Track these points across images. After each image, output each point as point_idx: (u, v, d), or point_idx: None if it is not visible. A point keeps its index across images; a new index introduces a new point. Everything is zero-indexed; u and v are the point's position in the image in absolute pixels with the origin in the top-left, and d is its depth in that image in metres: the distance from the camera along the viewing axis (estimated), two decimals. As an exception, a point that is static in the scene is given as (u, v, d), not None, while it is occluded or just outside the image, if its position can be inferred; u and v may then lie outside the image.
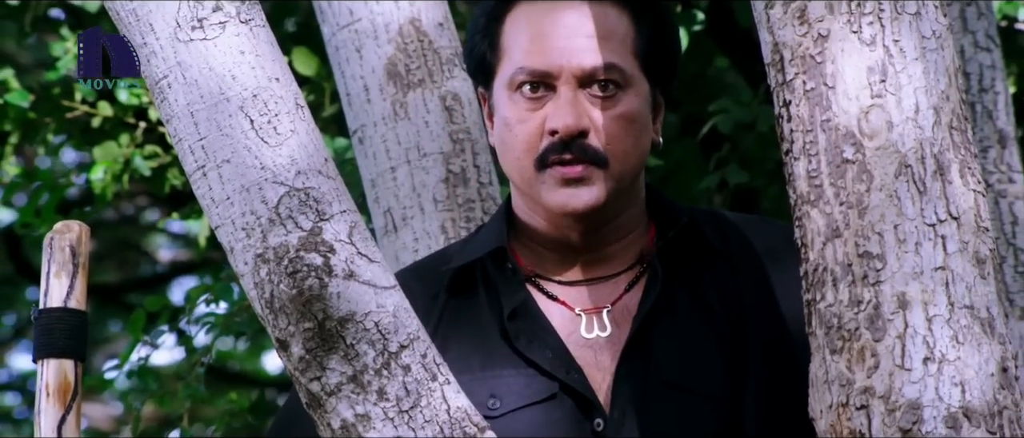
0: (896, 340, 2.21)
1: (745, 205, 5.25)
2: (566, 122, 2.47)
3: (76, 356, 2.43)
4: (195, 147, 2.31)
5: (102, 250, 8.99)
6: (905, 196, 2.24)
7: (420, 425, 2.24)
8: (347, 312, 2.25)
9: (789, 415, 2.39)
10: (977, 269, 2.24)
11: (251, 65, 2.32)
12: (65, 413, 2.41)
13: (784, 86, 2.29)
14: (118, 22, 2.37)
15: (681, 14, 4.62)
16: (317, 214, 2.28)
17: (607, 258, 2.57)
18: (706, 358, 2.51)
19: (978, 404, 2.20)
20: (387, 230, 3.17)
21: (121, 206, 7.71)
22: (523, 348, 2.51)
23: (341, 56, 3.23)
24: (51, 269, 2.43)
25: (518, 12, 2.54)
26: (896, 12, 2.26)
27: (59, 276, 2.43)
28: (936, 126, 2.26)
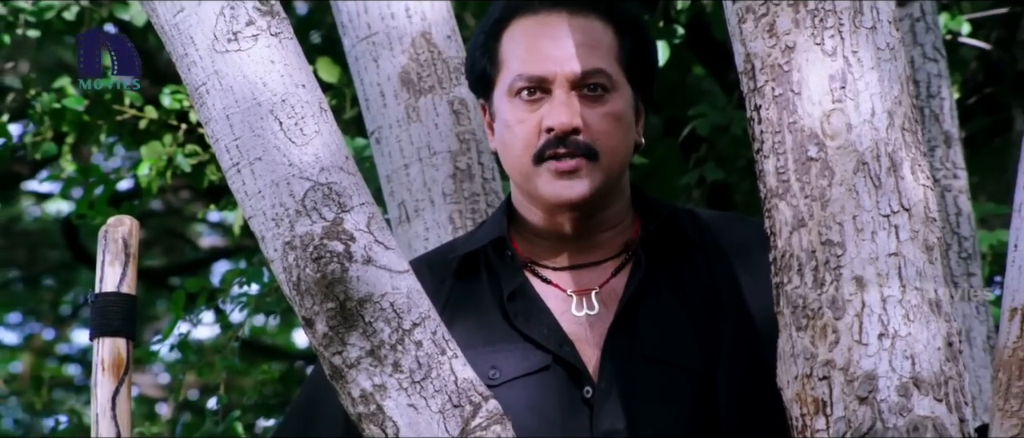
0: (854, 318, 2.21)
1: (720, 199, 5.25)
2: (561, 120, 2.47)
3: (128, 335, 2.43)
4: (230, 146, 2.31)
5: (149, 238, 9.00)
6: (863, 190, 2.24)
7: (431, 394, 2.23)
8: (365, 294, 2.25)
9: (757, 387, 2.37)
10: (926, 255, 2.24)
11: (280, 73, 2.31)
12: (118, 386, 2.40)
13: (755, 92, 2.29)
14: (162, 35, 2.37)
15: (663, 28, 4.61)
16: (339, 206, 2.27)
17: (596, 246, 2.57)
18: (683, 335, 2.50)
19: (927, 375, 2.21)
20: (401, 220, 3.17)
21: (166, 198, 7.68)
22: (521, 325, 2.51)
23: (360, 65, 3.23)
24: (106, 258, 2.43)
25: (514, 29, 2.55)
26: (854, 26, 2.26)
27: (113, 264, 2.43)
28: (890, 128, 2.26)
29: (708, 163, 5.00)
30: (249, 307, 5.42)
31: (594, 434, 2.45)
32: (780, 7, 2.26)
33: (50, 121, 4.77)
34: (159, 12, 2.35)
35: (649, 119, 2.62)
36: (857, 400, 2.19)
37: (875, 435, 2.18)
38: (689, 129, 4.98)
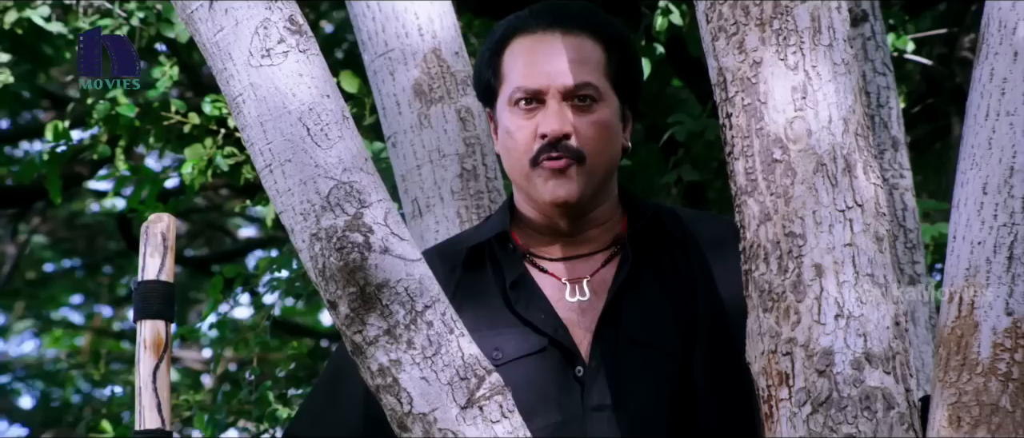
0: (814, 301, 2.21)
1: (695, 196, 5.25)
2: (553, 127, 2.48)
3: (167, 318, 2.43)
4: (264, 149, 2.30)
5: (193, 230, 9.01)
6: (821, 188, 2.24)
7: (440, 368, 2.22)
8: (383, 279, 2.24)
9: (729, 365, 2.38)
10: (876, 245, 2.25)
11: (308, 85, 2.30)
12: (158, 362, 2.41)
13: (726, 101, 2.29)
14: (204, 51, 2.36)
15: (645, 46, 4.60)
16: (359, 202, 2.26)
17: (587, 240, 2.56)
18: (664, 321, 2.50)
19: (877, 350, 2.22)
20: (414, 215, 3.16)
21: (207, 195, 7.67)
22: (521, 310, 2.51)
23: (378, 78, 3.22)
24: (147, 250, 2.43)
25: (514, 46, 2.55)
26: (814, 44, 2.26)
27: (153, 256, 2.43)
28: (845, 133, 2.25)
29: (685, 164, 5.00)
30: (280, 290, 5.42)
31: (585, 408, 2.45)
32: (748, 27, 2.26)
33: (105, 127, 4.77)
34: (201, 31, 2.34)
35: (633, 126, 2.62)
36: (816, 373, 2.19)
37: (832, 404, 2.18)
38: (668, 135, 4.97)
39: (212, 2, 2.32)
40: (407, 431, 2.23)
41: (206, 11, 2.32)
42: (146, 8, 4.63)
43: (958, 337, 2.48)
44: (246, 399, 5.26)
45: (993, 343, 2.45)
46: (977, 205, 2.52)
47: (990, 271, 2.49)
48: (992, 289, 2.48)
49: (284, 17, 2.32)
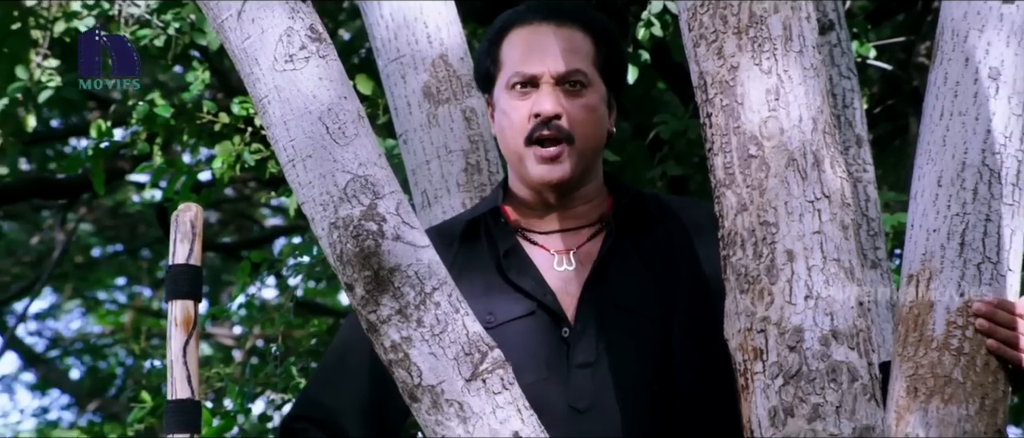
0: (786, 283, 2.21)
1: (678, 189, 5.25)
2: (546, 108, 2.49)
3: (195, 298, 2.43)
4: (287, 146, 2.29)
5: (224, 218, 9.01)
6: (792, 181, 2.23)
7: (447, 344, 2.22)
8: (395, 264, 2.23)
9: (704, 335, 2.38)
10: (842, 233, 2.25)
11: (327, 88, 2.30)
12: (188, 338, 2.40)
13: (707, 102, 2.28)
14: (233, 57, 2.36)
15: (632, 53, 4.59)
16: (373, 194, 2.25)
17: (574, 216, 2.57)
18: (644, 289, 2.50)
19: (843, 328, 2.22)
20: (423, 206, 3.16)
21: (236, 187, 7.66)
22: (513, 277, 2.51)
23: (391, 81, 3.22)
24: (177, 237, 2.42)
25: (512, 36, 2.56)
26: (785, 50, 2.26)
27: (182, 242, 2.42)
28: (814, 131, 2.25)
29: (669, 160, 5.01)
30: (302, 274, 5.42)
31: (570, 365, 2.45)
32: (726, 35, 2.26)
33: (144, 126, 4.77)
34: (231, 39, 2.34)
35: (622, 124, 2.62)
36: (788, 348, 2.19)
37: (801, 376, 2.18)
38: (654, 133, 4.97)
39: (241, 13, 2.32)
40: (417, 402, 2.23)
41: (235, 20, 2.32)
42: (181, 19, 4.63)
43: (915, 316, 2.48)
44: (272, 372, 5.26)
45: (946, 321, 2.45)
46: (933, 196, 2.52)
47: (944, 256, 2.49)
48: (946, 272, 2.48)
49: (305, 26, 2.32)
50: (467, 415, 2.20)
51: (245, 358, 7.39)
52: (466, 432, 2.20)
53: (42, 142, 7.69)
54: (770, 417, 2.19)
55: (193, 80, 4.84)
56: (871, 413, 2.19)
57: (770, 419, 2.19)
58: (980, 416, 2.43)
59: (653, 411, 2.43)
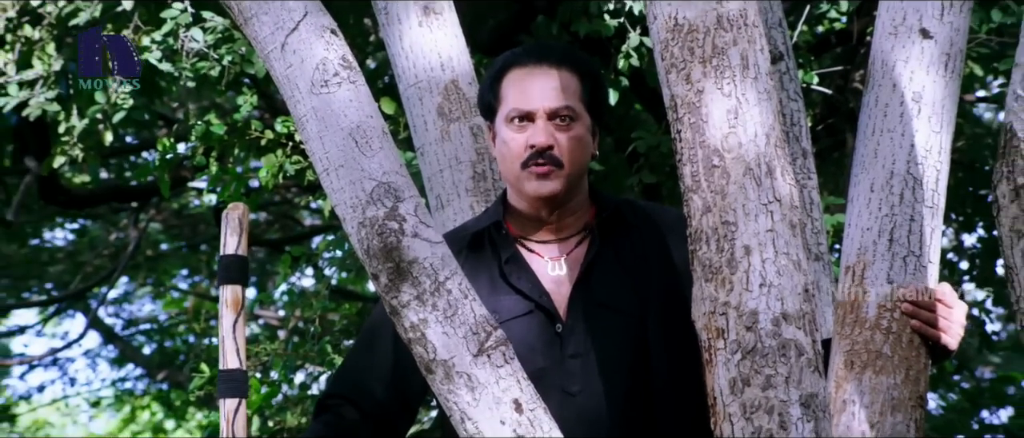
0: (743, 273, 2.20)
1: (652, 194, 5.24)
2: (540, 140, 2.47)
3: (242, 283, 2.43)
4: (322, 157, 2.29)
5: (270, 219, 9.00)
6: (750, 187, 2.22)
7: (457, 325, 2.21)
8: (413, 257, 2.22)
9: (675, 323, 2.37)
10: (791, 231, 2.23)
11: (356, 108, 2.29)
12: (236, 317, 2.40)
13: (677, 120, 2.27)
14: (277, 83, 2.36)
15: (613, 79, 4.60)
16: (395, 198, 2.24)
17: (564, 227, 2.54)
18: (624, 290, 2.48)
19: (791, 311, 2.21)
20: (437, 208, 3.15)
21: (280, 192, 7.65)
22: (513, 281, 2.50)
23: (410, 102, 3.21)
24: (227, 231, 2.42)
25: (511, 75, 2.53)
26: (743, 77, 2.25)
27: (232, 235, 2.42)
28: (767, 145, 2.24)
29: (644, 170, 5.00)
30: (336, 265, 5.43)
31: (563, 356, 2.45)
32: (693, 64, 2.25)
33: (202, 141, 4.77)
34: (276, 67, 2.33)
35: (604, 139, 2.61)
36: (745, 328, 2.18)
37: (756, 352, 2.17)
38: (632, 147, 4.97)
39: (284, 45, 2.31)
40: (432, 374, 2.22)
41: (280, 52, 2.32)
42: (233, 51, 4.62)
43: (852, 301, 2.49)
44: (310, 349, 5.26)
45: (878, 305, 2.46)
46: (866, 200, 2.52)
47: (876, 250, 2.49)
48: (877, 264, 2.48)
49: (338, 56, 2.31)
50: (474, 385, 2.19)
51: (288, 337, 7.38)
52: (474, 400, 2.19)
53: (118, 155, 7.69)
54: (730, 386, 2.18)
55: (242, 103, 4.84)
56: (815, 382, 2.18)
57: (730, 388, 2.18)
58: (905, 384, 2.44)
59: (634, 393, 2.42)
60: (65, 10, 4.69)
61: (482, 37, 5.27)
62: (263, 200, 6.86)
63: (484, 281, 2.48)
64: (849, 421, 2.41)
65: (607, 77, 4.58)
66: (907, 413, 2.42)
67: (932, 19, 2.55)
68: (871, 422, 2.41)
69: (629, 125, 5.28)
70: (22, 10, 4.75)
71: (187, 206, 9.30)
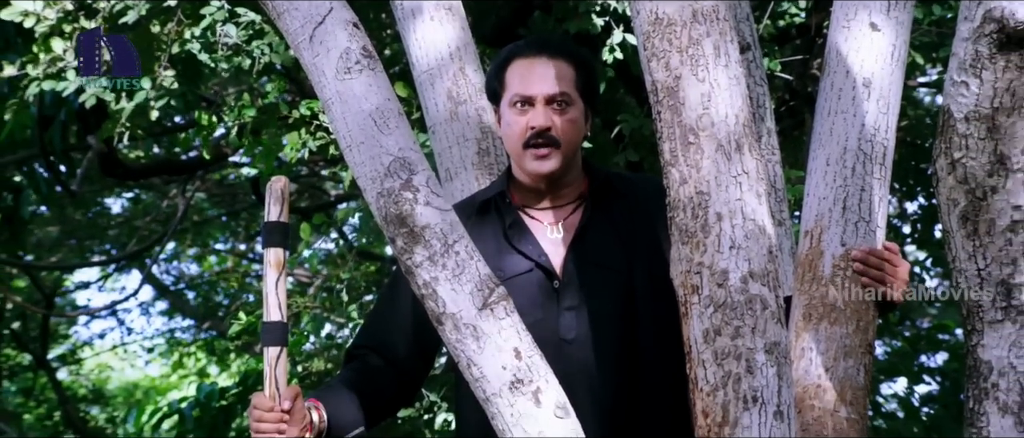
0: (716, 237, 2.19)
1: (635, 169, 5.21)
2: (539, 122, 2.48)
3: (284, 246, 2.42)
4: (345, 135, 2.28)
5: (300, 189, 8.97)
6: (721, 161, 2.21)
7: (464, 282, 2.20)
8: (425, 223, 2.22)
9: (657, 280, 2.35)
10: (757, 200, 2.22)
11: (375, 92, 2.28)
12: (278, 276, 2.39)
13: (657, 103, 2.25)
14: (306, 69, 2.35)
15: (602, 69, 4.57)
16: (409, 171, 2.24)
17: (561, 196, 2.54)
18: (612, 250, 2.48)
19: (757, 270, 2.20)
20: (446, 180, 3.14)
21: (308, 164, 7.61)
22: (516, 244, 2.50)
23: (423, 87, 3.20)
24: (271, 200, 2.41)
25: (514, 65, 2.53)
26: (715, 64, 2.23)
27: (275, 204, 2.41)
28: (736, 125, 2.22)
29: (629, 149, 4.99)
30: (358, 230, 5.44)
31: (560, 308, 2.45)
32: (671, 53, 2.23)
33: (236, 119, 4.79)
34: (304, 56, 2.32)
35: (593, 120, 2.61)
36: (717, 285, 2.17)
37: (727, 306, 2.17)
38: (618, 129, 4.96)
39: (312, 37, 2.30)
40: (442, 325, 2.21)
41: (308, 43, 2.30)
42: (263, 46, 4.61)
43: (810, 261, 2.48)
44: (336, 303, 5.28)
45: (833, 265, 2.46)
46: (822, 173, 2.52)
47: (831, 217, 2.48)
48: (832, 229, 2.48)
49: (359, 46, 2.30)
50: (479, 335, 2.19)
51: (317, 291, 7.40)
52: (478, 348, 2.19)
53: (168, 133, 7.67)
54: (704, 336, 2.18)
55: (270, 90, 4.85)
56: (777, 332, 2.18)
57: (704, 337, 2.18)
58: (856, 333, 2.44)
59: (622, 339, 2.42)
60: (116, 8, 4.67)
61: (485, 30, 5.27)
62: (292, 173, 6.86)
63: (490, 244, 2.48)
64: (807, 366, 2.41)
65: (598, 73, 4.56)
66: (857, 358, 2.42)
67: (880, 14, 2.55)
68: (826, 366, 2.40)
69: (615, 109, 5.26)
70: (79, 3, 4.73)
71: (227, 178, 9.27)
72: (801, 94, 5.54)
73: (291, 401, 2.36)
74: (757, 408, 2.14)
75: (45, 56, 4.68)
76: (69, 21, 4.71)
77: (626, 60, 4.62)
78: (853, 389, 2.40)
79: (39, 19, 4.63)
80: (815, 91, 3.14)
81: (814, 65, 5.37)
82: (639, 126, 4.89)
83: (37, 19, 4.63)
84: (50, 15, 4.65)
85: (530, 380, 2.17)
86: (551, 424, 2.16)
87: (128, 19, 4.60)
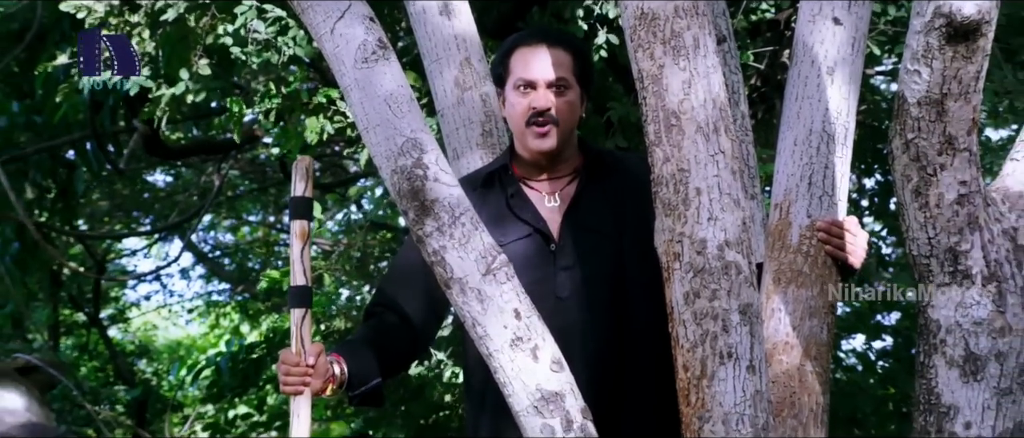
0: (695, 209, 2.19)
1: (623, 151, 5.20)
2: (540, 103, 2.49)
3: (309, 219, 2.41)
4: (363, 118, 2.26)
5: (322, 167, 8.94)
6: (700, 142, 2.20)
7: (470, 251, 2.20)
8: (434, 197, 2.21)
9: (644, 247, 2.33)
10: (732, 176, 2.21)
11: (389, 79, 2.27)
12: (303, 245, 2.39)
13: (643, 89, 2.25)
14: (328, 59, 2.34)
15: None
16: (420, 150, 2.23)
17: (558, 170, 2.55)
18: (604, 217, 2.48)
19: (732, 239, 2.20)
20: (453, 159, 3.12)
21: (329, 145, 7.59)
22: (517, 211, 2.50)
23: (433, 74, 3.18)
24: (297, 177, 2.40)
25: (517, 52, 2.53)
26: (694, 55, 2.22)
27: (301, 180, 2.40)
28: (713, 109, 2.22)
29: (618, 134, 4.98)
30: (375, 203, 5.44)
31: (556, 269, 2.45)
32: (656, 44, 2.22)
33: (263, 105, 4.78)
34: (326, 47, 2.31)
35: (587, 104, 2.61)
36: (696, 253, 2.17)
37: (705, 271, 2.17)
38: (607, 115, 4.95)
39: (333, 30, 2.29)
40: (450, 289, 2.21)
41: (330, 35, 2.29)
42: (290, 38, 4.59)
43: (780, 231, 2.47)
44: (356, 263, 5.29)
45: (799, 234, 2.45)
46: (791, 152, 2.51)
47: (798, 191, 2.47)
48: (799, 202, 2.47)
49: (375, 38, 2.29)
50: (483, 298, 2.18)
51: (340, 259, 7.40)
52: (482, 309, 2.18)
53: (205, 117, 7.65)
54: (685, 298, 2.17)
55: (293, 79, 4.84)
56: (750, 295, 2.18)
57: (685, 299, 2.17)
58: (820, 295, 2.44)
59: (611, 298, 2.42)
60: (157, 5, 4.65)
61: (488, 24, 5.26)
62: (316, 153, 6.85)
63: (494, 211, 2.48)
64: (776, 324, 2.41)
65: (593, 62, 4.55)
66: (821, 318, 2.42)
67: (842, 10, 2.54)
68: (793, 325, 2.40)
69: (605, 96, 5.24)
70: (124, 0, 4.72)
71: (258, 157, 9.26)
72: (771, 82, 5.53)
73: (315, 356, 2.36)
74: (732, 363, 2.14)
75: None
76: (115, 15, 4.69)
77: (616, 50, 4.62)
78: (817, 345, 2.40)
79: (90, 12, 4.61)
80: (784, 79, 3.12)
81: (783, 55, 5.36)
82: (626, 113, 4.88)
83: (88, 12, 4.61)
84: (99, 9, 4.63)
85: (529, 338, 2.17)
86: (547, 377, 2.16)
87: (168, 16, 4.58)
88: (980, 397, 2.18)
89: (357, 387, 2.44)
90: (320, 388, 2.37)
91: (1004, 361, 2.18)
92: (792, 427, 2.34)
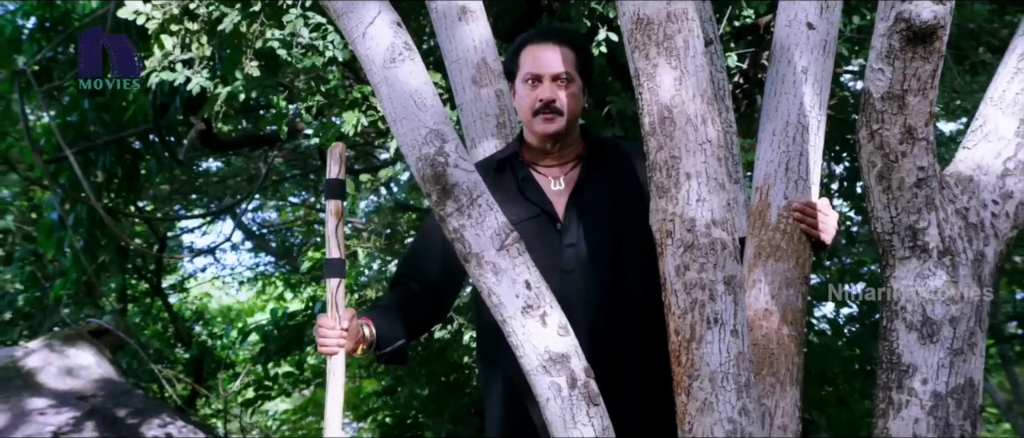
0: (685, 192, 2.18)
1: (620, 140, 5.19)
2: (547, 96, 2.48)
3: (342, 198, 2.41)
4: (391, 112, 2.26)
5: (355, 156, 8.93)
6: (689, 131, 2.19)
7: (485, 229, 2.19)
8: (454, 181, 2.20)
9: (640, 226, 2.32)
10: (718, 163, 2.20)
11: (414, 78, 2.26)
12: (337, 223, 2.39)
13: (639, 85, 2.24)
14: (360, 60, 2.33)
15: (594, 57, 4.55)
16: (441, 140, 2.22)
17: (563, 156, 2.54)
18: (604, 199, 2.47)
19: (718, 218, 2.20)
20: (471, 148, 3.12)
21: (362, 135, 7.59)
22: (527, 194, 2.50)
23: (452, 74, 3.18)
24: (331, 161, 2.40)
25: (527, 49, 2.53)
26: (684, 55, 2.21)
27: (334, 164, 2.40)
28: (702, 102, 2.21)
29: (617, 126, 4.97)
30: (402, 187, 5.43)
31: (562, 245, 2.44)
32: (650, 46, 2.21)
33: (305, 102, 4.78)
34: (359, 49, 2.30)
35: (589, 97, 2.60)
36: (686, 231, 2.16)
37: (694, 247, 2.16)
38: (607, 109, 4.93)
39: (365, 33, 2.28)
40: (468, 263, 2.20)
41: (362, 38, 2.28)
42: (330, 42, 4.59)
43: (760, 211, 2.47)
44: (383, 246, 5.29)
45: (778, 214, 2.44)
46: (770, 141, 2.50)
47: (776, 176, 2.46)
48: (777, 186, 2.46)
49: (402, 41, 2.28)
50: (497, 270, 2.18)
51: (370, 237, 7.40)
52: (497, 281, 2.18)
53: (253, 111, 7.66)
54: (676, 271, 2.17)
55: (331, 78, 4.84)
56: (734, 268, 2.17)
57: (676, 272, 2.17)
58: (796, 268, 2.43)
59: (611, 271, 2.41)
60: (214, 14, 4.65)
61: (503, 28, 5.25)
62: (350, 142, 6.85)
63: (507, 193, 2.47)
64: (757, 294, 2.40)
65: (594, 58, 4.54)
66: (797, 288, 2.41)
67: (815, 16, 2.52)
68: (772, 294, 2.40)
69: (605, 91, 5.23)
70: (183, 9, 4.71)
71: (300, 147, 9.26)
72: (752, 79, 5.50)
73: (348, 321, 2.36)
74: (718, 328, 2.14)
75: (159, 52, 4.67)
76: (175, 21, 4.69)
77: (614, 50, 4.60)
78: (793, 312, 2.40)
79: (148, 18, 4.60)
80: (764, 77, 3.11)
81: (763, 56, 5.33)
82: (624, 107, 4.87)
83: (146, 17, 4.60)
84: (157, 15, 4.62)
85: (538, 306, 2.17)
86: (554, 341, 2.16)
87: (225, 26, 4.57)
88: (935, 357, 2.18)
89: (384, 348, 2.45)
90: (353, 348, 2.38)
91: (956, 325, 2.18)
92: (771, 384, 2.34)
